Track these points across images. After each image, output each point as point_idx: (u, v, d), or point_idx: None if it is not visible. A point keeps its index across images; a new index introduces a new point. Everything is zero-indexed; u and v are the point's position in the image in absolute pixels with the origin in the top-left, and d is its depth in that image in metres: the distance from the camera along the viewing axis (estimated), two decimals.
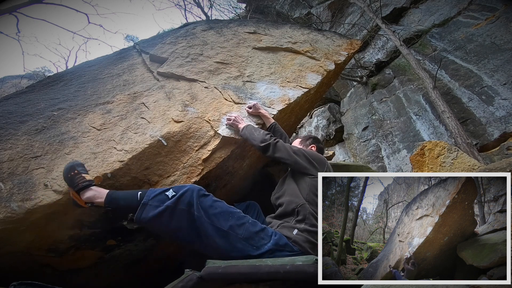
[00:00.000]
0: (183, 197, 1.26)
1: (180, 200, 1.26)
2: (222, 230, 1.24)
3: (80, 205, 1.39)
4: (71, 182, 1.37)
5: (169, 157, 1.77)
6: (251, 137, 1.68)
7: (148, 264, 2.09)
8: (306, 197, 1.42)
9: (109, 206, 1.34)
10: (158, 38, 2.52)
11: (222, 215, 1.27)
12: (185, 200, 1.26)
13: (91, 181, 1.40)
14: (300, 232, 1.33)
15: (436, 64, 5.63)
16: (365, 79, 7.62)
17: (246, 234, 1.25)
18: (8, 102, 1.81)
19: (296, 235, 1.33)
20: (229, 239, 1.24)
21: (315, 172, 1.45)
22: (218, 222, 1.25)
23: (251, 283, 1.18)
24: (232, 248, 1.24)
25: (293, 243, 1.30)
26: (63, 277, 1.69)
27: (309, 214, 1.38)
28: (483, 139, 4.72)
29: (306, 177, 1.47)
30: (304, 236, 1.33)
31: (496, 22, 5.43)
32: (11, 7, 7.54)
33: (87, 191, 1.35)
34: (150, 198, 1.28)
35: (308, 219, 1.37)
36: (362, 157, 6.69)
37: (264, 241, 1.26)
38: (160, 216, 1.23)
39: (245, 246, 1.24)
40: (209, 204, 1.28)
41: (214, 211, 1.27)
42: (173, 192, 1.28)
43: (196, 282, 1.12)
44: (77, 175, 1.37)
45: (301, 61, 2.62)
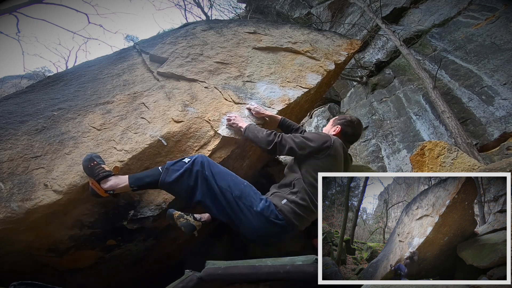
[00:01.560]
0: (196, 160, 1.48)
1: (194, 163, 1.47)
2: (221, 187, 1.43)
3: (99, 195, 1.46)
4: (91, 172, 1.45)
5: (169, 157, 1.77)
6: (255, 140, 1.70)
7: (148, 264, 2.09)
8: (303, 173, 1.51)
9: (135, 185, 1.47)
10: (158, 38, 2.52)
11: (223, 175, 1.47)
12: (198, 163, 1.47)
13: (110, 171, 1.49)
14: (288, 203, 1.44)
15: (436, 64, 5.62)
16: (365, 79, 7.61)
17: (239, 194, 1.42)
18: (8, 102, 1.81)
19: (283, 204, 1.43)
20: (226, 196, 1.42)
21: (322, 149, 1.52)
22: (220, 180, 1.45)
23: (251, 283, 1.18)
24: (227, 205, 1.42)
25: (279, 211, 1.41)
26: (63, 277, 1.69)
27: (303, 189, 1.46)
28: (483, 139, 4.72)
29: (310, 158, 1.54)
30: (290, 207, 1.42)
31: (496, 22, 5.43)
32: (11, 7, 7.54)
33: (107, 181, 1.45)
34: (171, 165, 1.49)
35: (301, 193, 1.45)
36: (362, 157, 6.69)
37: (253, 203, 1.41)
38: (181, 176, 1.44)
39: (237, 204, 1.41)
40: (215, 165, 1.51)
41: (217, 169, 1.49)
42: (188, 159, 1.50)
43: (196, 283, 1.13)
44: (96, 165, 1.46)
45: (301, 61, 2.62)
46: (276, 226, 1.40)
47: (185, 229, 1.55)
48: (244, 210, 1.41)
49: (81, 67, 2.21)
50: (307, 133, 1.64)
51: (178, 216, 1.57)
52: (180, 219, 1.56)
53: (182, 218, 1.57)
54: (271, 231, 1.42)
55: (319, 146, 1.52)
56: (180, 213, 1.59)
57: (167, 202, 1.72)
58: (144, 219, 1.66)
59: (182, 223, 1.56)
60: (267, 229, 1.40)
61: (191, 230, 1.57)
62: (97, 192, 1.46)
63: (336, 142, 1.56)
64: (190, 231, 1.56)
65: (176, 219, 1.56)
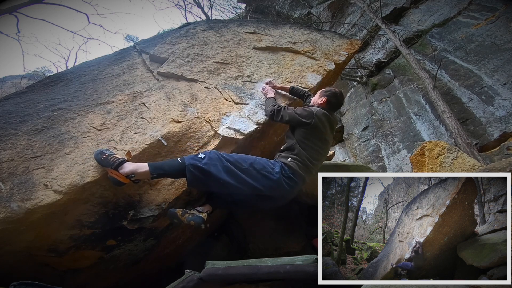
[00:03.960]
0: (211, 154, 1.62)
1: (210, 157, 1.60)
2: (245, 169, 1.62)
3: (121, 182, 1.49)
4: (107, 163, 1.50)
5: (169, 157, 1.77)
6: (265, 108, 2.08)
7: (148, 264, 2.09)
8: (297, 138, 1.85)
9: (155, 173, 1.53)
10: (158, 38, 2.52)
11: (240, 160, 1.66)
12: (214, 156, 1.61)
13: (123, 158, 1.53)
14: (292, 160, 1.76)
15: (436, 64, 5.62)
16: (365, 79, 7.62)
17: (260, 166, 1.65)
18: (8, 102, 1.81)
19: (289, 161, 1.75)
20: (252, 174, 1.62)
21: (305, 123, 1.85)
22: (240, 164, 1.63)
23: (251, 283, 1.18)
24: (255, 179, 1.61)
25: (287, 166, 1.72)
26: (63, 277, 1.69)
27: (299, 151, 1.79)
28: (483, 139, 4.72)
29: (300, 128, 1.88)
30: (295, 163, 1.75)
31: (496, 22, 5.43)
32: (11, 7, 7.53)
33: (125, 167, 1.50)
34: (191, 157, 1.60)
35: (299, 154, 1.78)
36: (362, 157, 6.70)
37: (273, 167, 1.67)
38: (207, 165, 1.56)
39: (263, 174, 1.63)
40: (229, 155, 1.68)
41: (235, 157, 1.66)
42: (203, 154, 1.62)
43: (196, 283, 1.13)
44: (108, 156, 1.52)
45: (301, 61, 2.62)
46: (291, 180, 1.69)
47: (195, 222, 1.58)
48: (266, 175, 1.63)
49: (81, 67, 2.21)
50: (297, 108, 1.95)
51: (182, 212, 1.59)
52: (186, 215, 1.58)
53: (187, 214, 1.59)
54: (289, 184, 1.68)
55: (304, 118, 1.86)
56: (183, 209, 1.60)
57: (167, 202, 1.72)
58: (144, 219, 1.66)
59: (190, 218, 1.58)
60: (286, 183, 1.67)
61: (201, 222, 1.60)
62: (118, 180, 1.48)
63: (318, 113, 1.88)
64: (200, 224, 1.60)
65: (181, 216, 1.57)
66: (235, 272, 1.14)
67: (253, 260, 1.23)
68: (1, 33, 8.65)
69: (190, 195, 1.87)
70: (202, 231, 2.36)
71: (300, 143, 1.83)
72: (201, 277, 1.15)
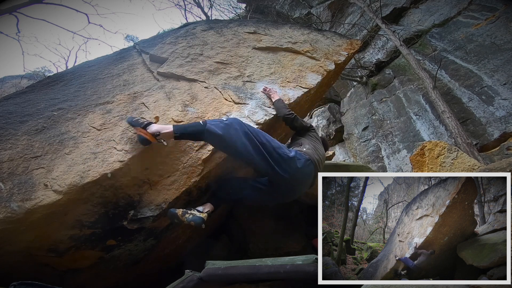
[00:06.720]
0: (234, 119, 1.72)
1: (232, 122, 1.69)
2: (262, 142, 1.68)
3: (148, 140, 1.61)
4: (137, 123, 1.66)
5: (169, 157, 1.77)
6: (280, 109, 2.15)
7: (148, 264, 2.09)
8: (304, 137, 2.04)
9: (178, 132, 1.64)
10: (158, 38, 2.52)
11: (260, 133, 1.73)
12: (236, 121, 1.71)
13: (151, 121, 1.69)
14: (306, 149, 1.86)
15: (436, 64, 5.62)
16: (365, 79, 7.62)
17: (277, 145, 1.72)
18: (8, 102, 1.81)
19: (306, 150, 1.85)
20: (268, 149, 1.67)
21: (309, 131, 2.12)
22: (258, 137, 1.69)
23: (251, 283, 1.18)
24: (270, 154, 1.66)
25: (304, 153, 1.79)
26: (63, 277, 1.69)
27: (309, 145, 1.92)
28: (483, 139, 4.72)
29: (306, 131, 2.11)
30: (311, 150, 1.87)
31: (496, 22, 5.43)
32: (11, 7, 7.53)
33: (152, 127, 1.63)
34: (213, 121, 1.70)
35: (309, 148, 1.88)
36: (362, 157, 6.70)
37: (288, 151, 1.73)
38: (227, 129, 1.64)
39: (278, 153, 1.67)
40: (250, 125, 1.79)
41: (254, 129, 1.75)
42: (225, 117, 1.79)
43: (196, 283, 1.13)
44: (139, 118, 1.69)
45: (301, 61, 2.62)
46: (309, 165, 1.75)
47: (195, 223, 1.59)
48: (281, 154, 1.68)
49: (81, 67, 2.21)
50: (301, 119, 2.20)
51: (183, 213, 1.59)
52: (186, 215, 1.59)
53: (188, 214, 1.60)
54: (308, 169, 1.75)
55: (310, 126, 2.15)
56: (183, 210, 1.61)
57: (167, 202, 1.72)
58: (144, 219, 1.66)
59: (190, 218, 1.59)
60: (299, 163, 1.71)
61: (200, 223, 1.61)
62: (145, 138, 1.60)
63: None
64: (200, 224, 1.61)
65: (182, 216, 1.58)
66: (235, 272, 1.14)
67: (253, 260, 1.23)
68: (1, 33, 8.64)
69: (190, 195, 1.87)
70: (202, 231, 2.36)
71: (308, 140, 2.01)
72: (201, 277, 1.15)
